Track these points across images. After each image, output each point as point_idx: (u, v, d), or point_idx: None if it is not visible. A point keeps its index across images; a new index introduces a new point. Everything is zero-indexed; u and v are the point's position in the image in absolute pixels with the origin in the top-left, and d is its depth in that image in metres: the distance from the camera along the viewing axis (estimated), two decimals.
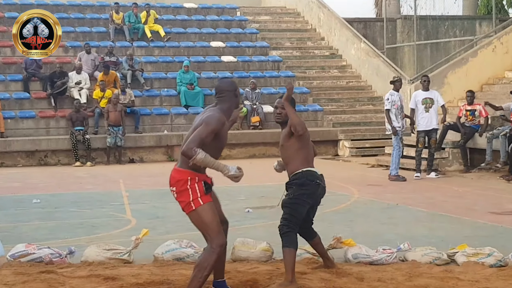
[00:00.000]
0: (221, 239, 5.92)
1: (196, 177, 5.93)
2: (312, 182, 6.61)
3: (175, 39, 24.62)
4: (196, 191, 5.90)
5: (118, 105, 19.55)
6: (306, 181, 6.59)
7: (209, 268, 5.88)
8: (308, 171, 6.64)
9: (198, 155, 5.72)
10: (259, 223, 10.03)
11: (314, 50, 25.78)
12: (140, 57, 23.07)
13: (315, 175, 6.66)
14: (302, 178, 6.60)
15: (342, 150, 20.73)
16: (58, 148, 19.32)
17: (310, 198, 6.63)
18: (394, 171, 14.69)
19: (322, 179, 6.72)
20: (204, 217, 5.91)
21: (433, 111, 15.10)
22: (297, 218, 6.57)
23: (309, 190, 6.60)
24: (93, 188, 14.49)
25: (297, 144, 6.68)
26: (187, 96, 21.56)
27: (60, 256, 7.43)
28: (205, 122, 5.89)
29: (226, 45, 24.68)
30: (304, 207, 6.61)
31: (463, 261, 7.16)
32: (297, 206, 6.58)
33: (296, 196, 6.59)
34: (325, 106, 22.53)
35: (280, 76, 23.56)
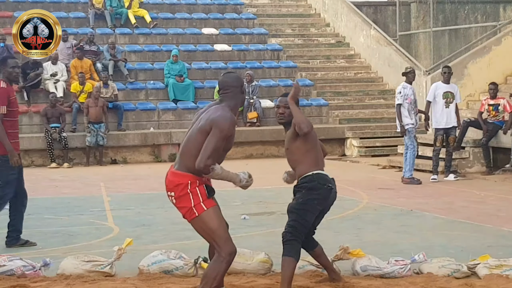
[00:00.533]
0: (230, 246, 5.99)
1: (197, 180, 6.00)
2: (324, 186, 6.63)
3: (162, 25, 24.62)
4: (198, 196, 5.99)
5: (99, 99, 19.55)
6: (317, 185, 6.60)
7: (219, 278, 5.99)
8: (319, 174, 6.65)
9: (215, 171, 5.94)
10: (256, 231, 10.03)
11: (318, 38, 25.81)
12: (123, 46, 23.07)
13: (326, 179, 6.68)
14: (313, 182, 6.61)
15: (349, 150, 20.75)
16: (32, 148, 19.30)
17: (321, 204, 6.66)
18: (408, 173, 14.70)
19: (333, 183, 6.75)
20: (209, 224, 5.99)
21: (453, 107, 15.13)
22: (304, 226, 6.58)
23: (321, 195, 6.62)
24: (70, 192, 14.49)
25: (304, 146, 6.69)
26: (176, 89, 21.56)
27: (33, 269, 7.42)
28: (216, 127, 5.96)
29: (220, 32, 24.69)
30: (313, 214, 6.63)
31: (485, 274, 7.15)
32: (306, 213, 6.58)
33: (306, 201, 6.59)
34: (331, 101, 22.54)
35: (280, 67, 23.59)
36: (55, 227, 10.60)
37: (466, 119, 16.17)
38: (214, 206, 6.04)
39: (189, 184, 5.99)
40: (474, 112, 16.95)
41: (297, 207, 6.61)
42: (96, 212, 11.92)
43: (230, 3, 26.78)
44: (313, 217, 6.63)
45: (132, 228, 10.33)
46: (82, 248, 8.83)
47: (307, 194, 6.60)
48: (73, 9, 24.68)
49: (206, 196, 6.00)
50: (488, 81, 16.92)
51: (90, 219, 11.27)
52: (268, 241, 8.92)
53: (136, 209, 12.10)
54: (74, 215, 11.62)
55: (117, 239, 9.20)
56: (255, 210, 11.74)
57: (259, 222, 10.68)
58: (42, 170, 18.37)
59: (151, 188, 14.38)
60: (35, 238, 9.72)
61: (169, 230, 10.03)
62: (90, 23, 23.81)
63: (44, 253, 8.48)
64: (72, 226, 10.67)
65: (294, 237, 6.51)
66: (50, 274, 7.44)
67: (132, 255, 7.83)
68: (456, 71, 17.25)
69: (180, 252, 7.74)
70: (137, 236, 9.24)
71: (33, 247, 9.06)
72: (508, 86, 18.64)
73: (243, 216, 11.03)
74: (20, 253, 8.18)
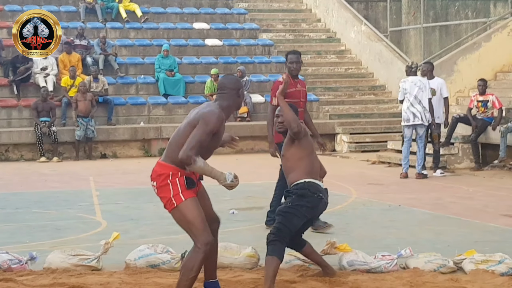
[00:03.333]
0: (206, 236, 6.01)
1: (179, 172, 6.06)
2: (314, 194, 6.66)
3: (153, 19, 24.57)
4: (177, 186, 6.05)
5: (87, 94, 19.51)
6: (307, 193, 6.65)
7: (196, 269, 6.01)
8: (310, 183, 6.69)
9: (197, 163, 5.95)
10: (244, 226, 10.05)
11: (309, 33, 25.80)
12: (114, 40, 23.03)
13: (318, 188, 6.71)
14: (304, 189, 6.66)
15: (339, 145, 20.77)
16: (21, 142, 19.27)
17: (310, 212, 6.70)
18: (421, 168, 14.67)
19: (325, 193, 6.78)
20: (186, 214, 6.04)
21: (436, 102, 15.10)
22: (289, 229, 6.60)
23: (310, 203, 6.66)
24: (59, 186, 14.48)
25: (298, 152, 6.74)
26: (167, 83, 21.54)
27: (20, 263, 7.41)
28: (203, 120, 6.04)
29: (211, 26, 24.65)
30: (300, 220, 6.65)
31: (471, 269, 7.17)
32: (293, 217, 6.61)
33: (295, 206, 6.63)
34: (321, 96, 22.55)
35: (271, 62, 23.58)
36: (43, 221, 10.59)
37: (455, 115, 16.19)
38: (192, 197, 6.08)
39: (171, 175, 6.05)
40: (463, 108, 16.98)
41: (285, 210, 6.66)
42: (84, 206, 11.90)
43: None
44: (300, 223, 6.66)
45: (120, 222, 10.33)
46: (69, 242, 8.83)
47: (297, 200, 6.64)
48: (64, 3, 24.59)
49: (185, 187, 6.05)
50: (478, 77, 16.93)
51: (79, 213, 11.26)
52: (256, 236, 8.93)
53: (124, 204, 12.10)
54: (62, 209, 11.60)
55: (104, 233, 9.19)
56: (244, 205, 11.75)
57: (248, 217, 10.71)
58: (32, 164, 18.33)
59: (140, 182, 14.35)
60: (23, 232, 9.73)
61: (157, 225, 10.03)
62: (81, 17, 23.74)
63: (31, 247, 8.47)
64: (60, 220, 10.67)
65: (278, 238, 6.53)
66: (36, 268, 7.43)
67: (119, 249, 7.82)
68: (446, 67, 17.31)
69: (167, 246, 7.74)
70: (125, 230, 9.23)
71: (20, 241, 9.04)
72: (498, 83, 18.68)
73: (231, 210, 11.04)
74: (7, 247, 8.16)
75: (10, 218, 10.84)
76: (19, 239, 9.19)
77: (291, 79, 9.21)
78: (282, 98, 6.73)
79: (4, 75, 20.91)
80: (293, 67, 9.38)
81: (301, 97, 9.37)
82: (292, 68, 9.38)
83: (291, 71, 9.37)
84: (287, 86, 6.78)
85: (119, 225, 9.92)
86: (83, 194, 13.31)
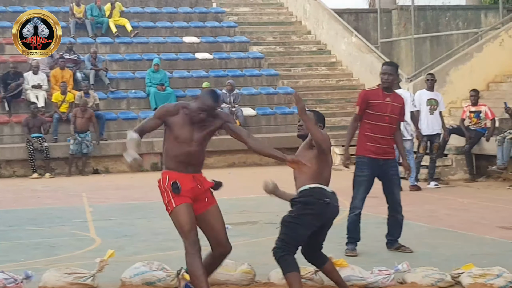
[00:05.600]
0: (190, 237, 6.25)
1: (167, 176, 6.39)
2: (319, 200, 6.55)
3: (143, 34, 24.59)
4: (168, 192, 6.35)
5: (87, 110, 19.48)
6: (312, 200, 6.55)
7: (198, 271, 6.24)
8: (316, 188, 6.60)
9: (128, 135, 6.53)
10: (239, 241, 9.98)
11: (300, 45, 25.85)
12: (104, 55, 23.02)
13: (324, 193, 6.60)
14: (308, 196, 6.57)
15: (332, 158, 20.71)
16: (13, 158, 19.22)
17: (316, 220, 6.57)
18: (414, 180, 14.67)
19: (333, 197, 6.67)
20: (177, 220, 6.32)
21: (438, 114, 15.19)
22: (295, 240, 6.51)
23: (315, 210, 6.54)
24: (52, 203, 14.42)
25: (311, 157, 6.66)
26: (158, 98, 21.51)
27: (15, 282, 7.35)
28: None
29: (201, 40, 24.69)
30: (305, 229, 6.53)
31: (469, 283, 7.16)
32: (297, 227, 6.51)
33: (299, 215, 6.54)
34: (313, 108, 22.53)
35: (262, 75, 23.59)
36: (37, 238, 10.54)
37: (448, 126, 16.22)
38: (183, 203, 6.29)
39: (161, 180, 6.42)
40: (456, 119, 17.02)
41: (289, 220, 6.56)
42: (78, 223, 11.85)
43: (211, 11, 26.81)
44: (305, 232, 6.54)
45: (114, 239, 10.28)
46: (64, 260, 8.78)
47: (301, 209, 6.56)
48: None
49: (174, 193, 6.29)
50: (470, 88, 16.98)
51: (72, 230, 11.21)
52: (251, 251, 8.91)
53: (118, 220, 12.04)
54: (56, 226, 11.55)
55: (99, 250, 9.16)
56: (238, 219, 11.69)
57: (242, 232, 10.64)
58: (24, 180, 18.28)
59: (133, 198, 14.32)
60: (17, 250, 9.68)
61: (151, 241, 10.00)
62: (71, 33, 23.72)
63: (26, 265, 8.41)
64: (54, 237, 10.62)
65: (285, 252, 6.45)
66: (32, 287, 7.38)
67: (114, 266, 7.78)
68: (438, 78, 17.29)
69: (163, 263, 7.70)
70: (119, 247, 9.20)
71: (15, 259, 8.99)
72: (490, 93, 18.74)
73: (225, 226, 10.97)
74: (1, 266, 8.11)
75: (3, 236, 10.77)
76: (13, 257, 9.14)
77: (381, 91, 9.09)
78: (307, 117, 6.65)
79: None
80: (384, 78, 9.10)
81: (390, 111, 8.97)
82: (383, 79, 9.17)
83: (382, 82, 9.18)
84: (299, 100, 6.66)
85: (113, 242, 9.87)
86: (76, 210, 13.25)
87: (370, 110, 8.94)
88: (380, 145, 8.91)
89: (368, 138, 8.94)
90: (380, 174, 9.06)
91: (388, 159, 8.98)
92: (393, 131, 9.05)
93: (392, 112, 8.98)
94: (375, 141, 8.92)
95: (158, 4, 26.63)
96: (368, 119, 8.96)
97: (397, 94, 9.23)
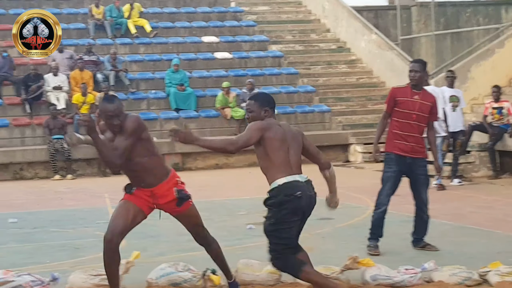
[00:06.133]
0: (107, 232, 6.64)
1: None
2: (291, 196, 6.25)
3: (162, 34, 24.63)
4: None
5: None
6: (283, 198, 6.25)
7: (107, 264, 6.70)
8: (284, 185, 6.28)
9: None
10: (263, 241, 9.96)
11: (319, 44, 25.82)
12: (123, 56, 23.08)
13: (294, 187, 6.28)
14: (279, 196, 6.27)
15: (353, 156, 20.73)
16: (35, 160, 19.31)
17: (295, 215, 6.31)
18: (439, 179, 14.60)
19: (306, 187, 6.35)
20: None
21: (460, 111, 15.15)
22: (285, 245, 6.33)
23: (290, 207, 6.25)
24: (75, 204, 14.50)
25: (264, 149, 6.38)
26: (178, 98, 21.57)
27: (42, 284, 7.39)
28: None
29: (220, 39, 24.70)
30: (290, 229, 6.33)
31: (497, 281, 7.13)
32: (281, 232, 6.30)
33: (277, 220, 6.30)
34: (333, 106, 22.54)
35: (282, 74, 23.58)
36: (61, 240, 10.59)
37: (471, 123, 16.16)
38: (123, 200, 6.74)
39: None
40: (478, 116, 16.94)
41: (271, 229, 6.34)
42: (101, 224, 11.86)
43: (230, 11, 26.83)
44: (291, 231, 6.33)
45: (139, 240, 10.28)
46: (89, 262, 8.81)
47: (277, 212, 6.28)
48: (73, 20, 24.67)
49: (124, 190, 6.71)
50: (492, 84, 16.91)
51: (96, 231, 11.22)
52: None
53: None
54: (79, 228, 11.60)
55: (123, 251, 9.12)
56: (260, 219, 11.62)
57: None
58: (46, 182, 18.36)
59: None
60: (42, 251, 9.73)
61: (176, 241, 10.01)
62: (90, 34, 23.82)
63: (52, 267, 8.46)
64: (78, 239, 10.66)
65: (284, 260, 6.32)
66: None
67: (140, 267, 7.79)
68: (459, 74, 17.28)
69: (188, 264, 7.72)
70: (143, 248, 9.21)
71: (40, 261, 9.05)
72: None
73: (248, 226, 11.01)
74: (27, 268, 8.17)
75: (28, 238, 10.84)
76: (38, 259, 9.19)
77: (409, 89, 9.07)
78: (197, 141, 6.31)
79: (16, 94, 20.99)
80: (411, 75, 9.05)
81: (418, 109, 8.88)
82: (410, 76, 9.13)
83: (410, 80, 9.15)
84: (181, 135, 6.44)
85: (138, 243, 9.87)
86: (99, 211, 13.27)
87: (397, 107, 8.94)
88: (407, 142, 8.87)
89: (396, 136, 8.93)
90: (407, 172, 9.03)
91: (417, 157, 8.93)
92: (422, 129, 8.99)
93: (421, 110, 8.91)
94: (403, 138, 8.89)
95: (177, 4, 26.67)
96: (396, 117, 8.95)
97: (427, 92, 9.17)
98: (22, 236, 10.99)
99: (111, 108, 6.44)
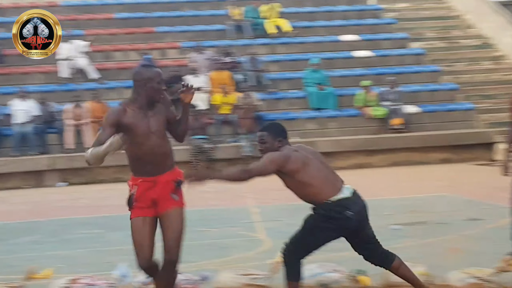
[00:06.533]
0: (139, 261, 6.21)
1: (130, 182, 6.26)
2: (341, 214, 6.22)
3: (301, 33, 24.70)
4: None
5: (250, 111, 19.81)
6: (333, 215, 6.24)
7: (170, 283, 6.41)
8: (337, 202, 6.26)
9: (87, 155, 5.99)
10: (410, 242, 9.90)
11: (462, 40, 25.34)
12: (262, 56, 23.27)
13: (344, 204, 6.25)
14: (329, 211, 6.26)
15: (499, 154, 20.21)
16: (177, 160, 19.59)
17: (335, 232, 6.32)
18: None
19: (357, 202, 6.31)
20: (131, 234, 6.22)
21: None
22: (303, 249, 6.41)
23: (336, 224, 6.24)
24: (218, 204, 14.70)
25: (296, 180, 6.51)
26: (317, 97, 21.61)
27: (193, 282, 7.55)
28: None
29: (360, 38, 24.57)
30: (318, 240, 6.35)
31: None
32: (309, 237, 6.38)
33: (316, 225, 6.34)
34: (478, 104, 22.09)
35: (423, 71, 23.27)
36: (208, 239, 10.79)
37: None
38: (135, 217, 6.23)
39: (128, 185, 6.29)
40: None
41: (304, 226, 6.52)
42: (245, 223, 12.04)
43: (369, 8, 26.68)
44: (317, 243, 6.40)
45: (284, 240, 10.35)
46: (236, 261, 8.95)
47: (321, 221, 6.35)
48: (213, 22, 25.04)
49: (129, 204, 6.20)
50: None
51: (241, 231, 11.40)
52: (424, 253, 8.80)
53: (285, 221, 12.10)
54: (224, 227, 11.78)
55: (270, 251, 9.26)
56: (407, 220, 11.57)
57: (412, 233, 10.53)
58: None
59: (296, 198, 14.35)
60: (191, 250, 9.89)
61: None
62: (229, 35, 24.15)
63: (201, 266, 8.63)
64: (224, 238, 10.84)
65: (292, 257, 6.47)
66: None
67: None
68: None
69: (337, 265, 7.71)
70: None
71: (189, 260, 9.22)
72: None
73: (395, 226, 10.92)
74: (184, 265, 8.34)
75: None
76: (188, 258, 9.31)
77: None
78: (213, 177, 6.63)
79: None
80: None
81: None
82: None
83: None
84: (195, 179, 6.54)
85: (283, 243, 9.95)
86: (242, 211, 13.45)
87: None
88: None
89: None
90: None
91: None
92: None
93: None
94: None
95: (316, 3, 26.66)
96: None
97: None
98: None
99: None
